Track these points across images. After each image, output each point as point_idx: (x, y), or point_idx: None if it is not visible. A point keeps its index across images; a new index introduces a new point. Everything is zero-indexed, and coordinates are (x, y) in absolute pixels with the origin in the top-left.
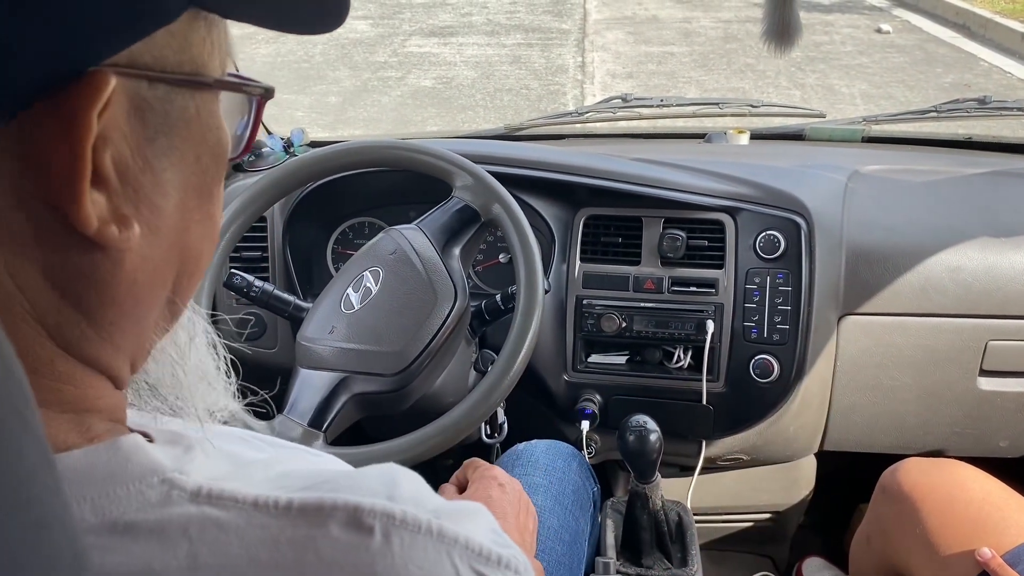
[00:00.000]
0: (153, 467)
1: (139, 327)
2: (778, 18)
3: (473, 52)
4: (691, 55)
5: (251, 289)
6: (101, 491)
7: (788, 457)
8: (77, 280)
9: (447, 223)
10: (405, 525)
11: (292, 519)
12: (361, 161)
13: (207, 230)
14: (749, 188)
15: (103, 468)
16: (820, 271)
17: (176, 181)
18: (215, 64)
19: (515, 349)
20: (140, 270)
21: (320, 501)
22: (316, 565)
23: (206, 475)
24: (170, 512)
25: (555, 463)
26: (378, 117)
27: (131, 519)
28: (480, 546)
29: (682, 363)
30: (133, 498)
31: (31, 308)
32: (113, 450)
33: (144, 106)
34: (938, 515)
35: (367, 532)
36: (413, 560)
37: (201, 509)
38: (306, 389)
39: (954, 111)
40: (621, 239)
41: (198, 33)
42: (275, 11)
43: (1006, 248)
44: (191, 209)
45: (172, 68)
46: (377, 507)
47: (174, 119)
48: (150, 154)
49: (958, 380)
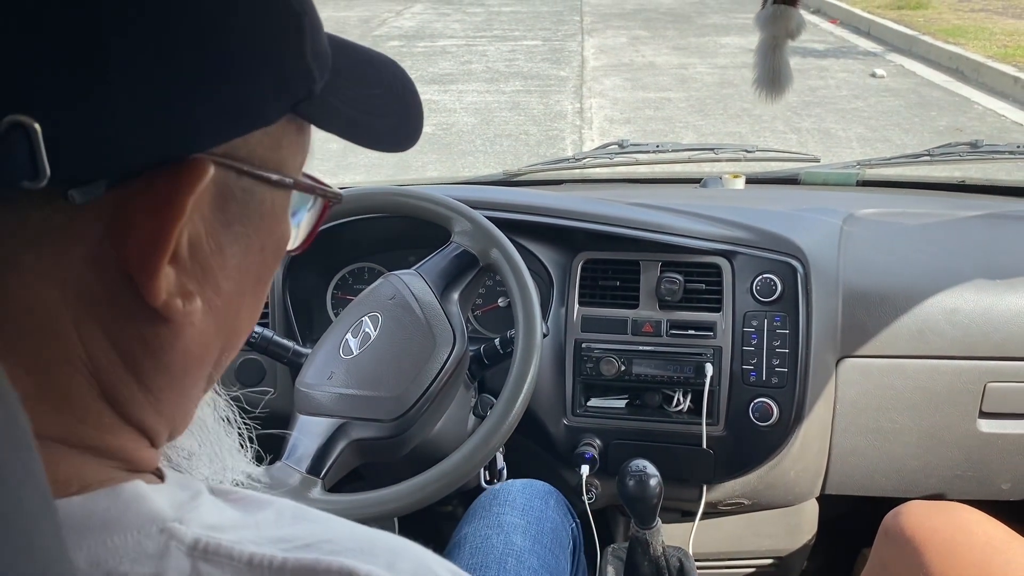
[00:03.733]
0: (152, 516)
1: (184, 396)
2: (768, 67)
3: (473, 99)
4: (688, 100)
5: (250, 335)
6: (98, 539)
7: (790, 501)
8: (137, 345)
9: (446, 268)
10: None
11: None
12: (361, 208)
13: (254, 312)
14: (745, 232)
15: (101, 515)
16: (817, 314)
17: (240, 266)
18: (296, 164)
19: (514, 393)
20: (195, 343)
21: (315, 563)
22: None
23: (208, 524)
24: (166, 565)
25: (532, 503)
26: (379, 163)
27: (125, 571)
28: None
29: (682, 407)
30: (130, 548)
31: (88, 362)
32: (112, 497)
33: (228, 195)
34: (941, 559)
35: None
36: None
37: (195, 564)
38: (304, 435)
39: (948, 155)
40: (619, 283)
41: (289, 136)
42: (368, 132)
43: (1002, 290)
44: (246, 293)
45: (260, 164)
46: (373, 574)
47: (251, 210)
48: (224, 239)
49: (958, 422)
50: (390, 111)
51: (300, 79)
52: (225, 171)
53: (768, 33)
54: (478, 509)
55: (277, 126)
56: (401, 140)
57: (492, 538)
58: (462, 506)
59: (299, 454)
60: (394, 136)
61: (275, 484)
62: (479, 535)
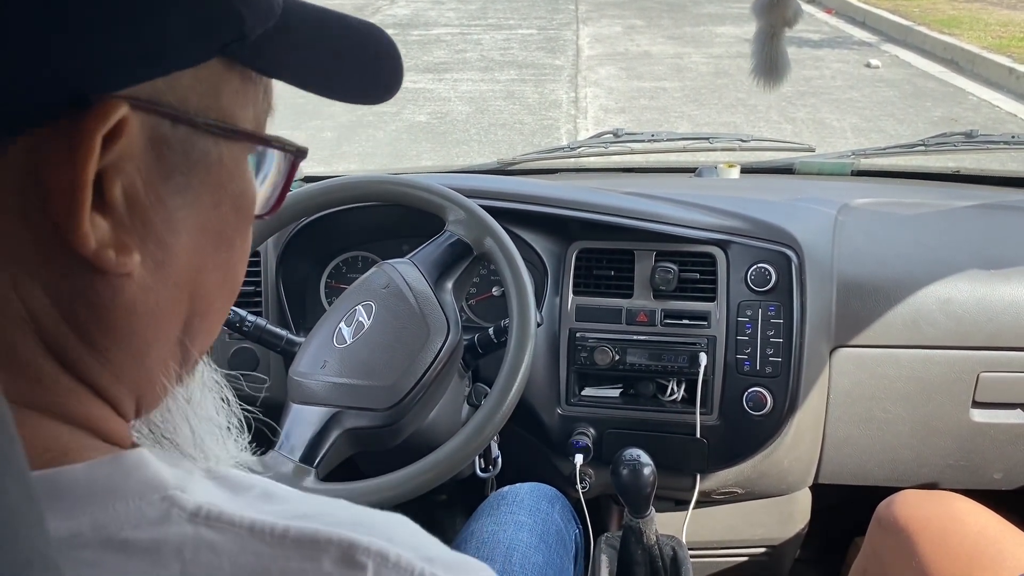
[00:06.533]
0: (155, 483)
1: (140, 361)
2: (766, 56)
3: (467, 88)
4: (683, 90)
5: (243, 324)
6: (101, 506)
7: (783, 490)
8: (75, 300)
9: (440, 257)
10: (398, 568)
11: (286, 549)
12: (355, 196)
13: (224, 278)
14: (740, 221)
15: (104, 483)
16: (811, 304)
17: (189, 222)
18: (247, 117)
19: (508, 383)
20: (140, 301)
21: (316, 533)
22: None
23: (206, 496)
24: (167, 531)
25: (539, 505)
26: (373, 152)
27: (127, 536)
28: None
29: (676, 396)
30: (132, 514)
31: (32, 322)
32: (115, 464)
33: (163, 143)
34: (934, 548)
35: (359, 569)
36: None
37: (198, 530)
38: (297, 424)
39: (942, 145)
40: (613, 272)
41: (230, 84)
42: (324, 77)
43: (996, 280)
44: (205, 253)
45: (196, 112)
46: (373, 546)
47: (194, 161)
48: (164, 191)
49: (951, 412)
50: (357, 64)
51: (226, 21)
52: (154, 118)
53: (765, 21)
54: (486, 508)
55: (211, 72)
56: (376, 88)
57: (499, 534)
58: (457, 495)
59: (292, 443)
60: (371, 84)
61: (268, 473)
62: (486, 531)
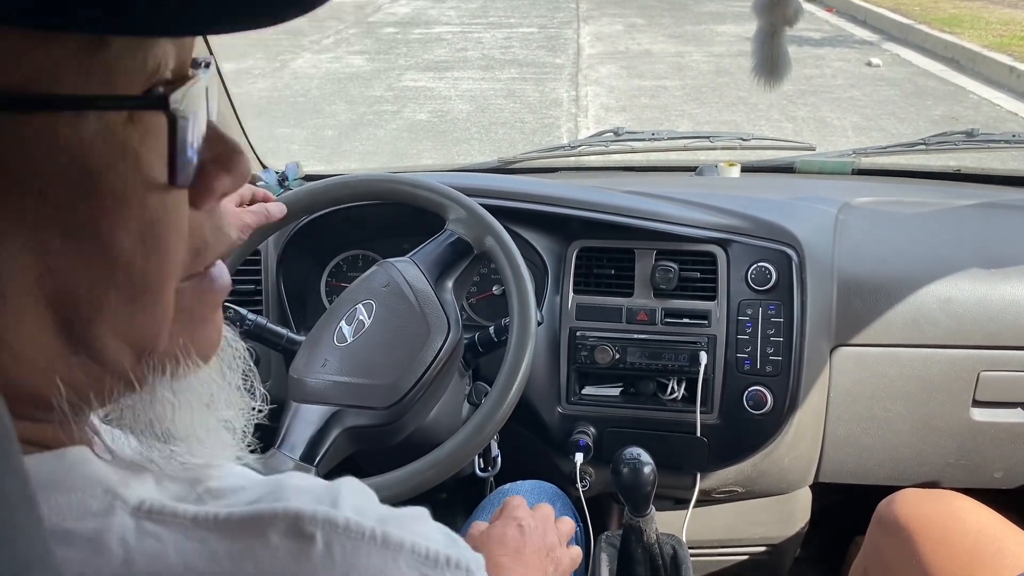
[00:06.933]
0: (97, 478)
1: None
2: (767, 54)
3: (468, 86)
4: (684, 89)
5: (244, 322)
6: (43, 498)
7: (783, 489)
8: None
9: (440, 256)
10: (348, 533)
11: (231, 531)
12: (355, 195)
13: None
14: (740, 220)
15: (47, 476)
16: (812, 303)
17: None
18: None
19: (508, 381)
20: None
21: (260, 512)
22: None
23: (149, 492)
24: (110, 522)
25: (540, 502)
26: (374, 150)
27: (70, 527)
28: (427, 549)
29: (676, 395)
30: (75, 506)
31: None
32: (58, 459)
33: None
34: (934, 547)
35: (308, 540)
36: (356, 568)
37: (140, 522)
38: (298, 423)
39: (943, 144)
40: (614, 271)
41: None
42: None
43: (996, 279)
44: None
45: None
46: (319, 514)
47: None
48: None
49: (951, 411)
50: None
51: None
52: None
53: (766, 20)
54: (487, 506)
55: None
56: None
57: None
58: (457, 494)
59: (292, 441)
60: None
61: (268, 472)
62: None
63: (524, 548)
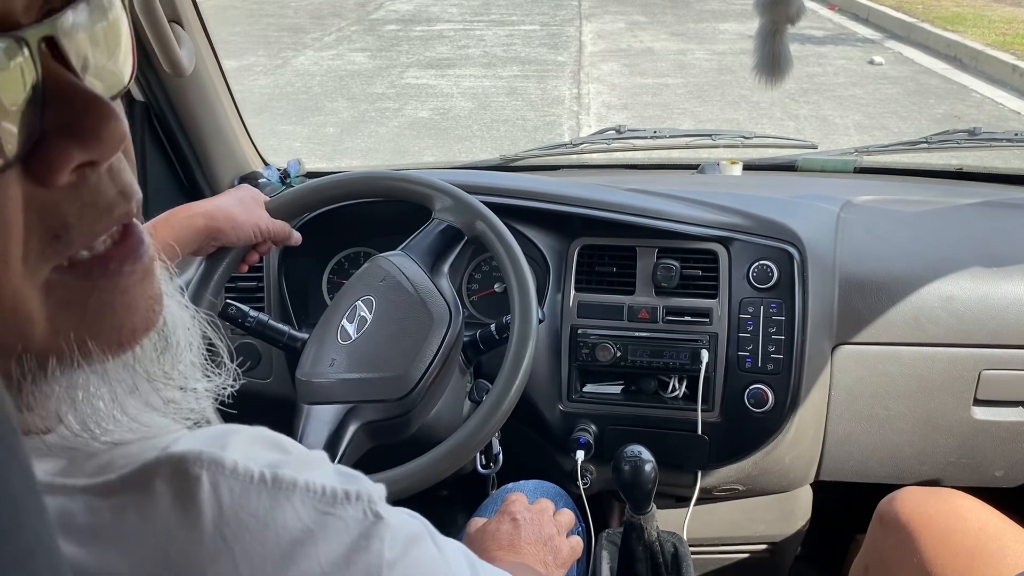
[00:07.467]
0: None
1: None
2: (768, 52)
3: (470, 84)
4: (686, 87)
5: (246, 319)
6: None
7: (784, 487)
8: None
9: (431, 245)
10: (236, 475)
11: (116, 492)
12: (341, 194)
13: None
14: (742, 218)
15: None
16: (813, 301)
17: None
18: None
19: (510, 379)
20: None
21: (144, 464)
22: (137, 524)
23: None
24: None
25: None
26: (375, 148)
27: None
28: (323, 486)
29: (677, 393)
30: None
31: None
32: None
33: None
34: (935, 545)
35: (194, 481)
36: (246, 508)
37: None
38: (313, 424)
39: (945, 142)
40: (615, 269)
41: None
42: None
43: (998, 278)
44: None
45: None
46: (204, 455)
47: None
48: None
49: (952, 410)
50: None
51: None
52: None
53: (768, 18)
54: (489, 504)
55: None
56: None
57: None
58: (458, 491)
59: (309, 444)
60: None
61: None
62: None
63: (518, 541)
